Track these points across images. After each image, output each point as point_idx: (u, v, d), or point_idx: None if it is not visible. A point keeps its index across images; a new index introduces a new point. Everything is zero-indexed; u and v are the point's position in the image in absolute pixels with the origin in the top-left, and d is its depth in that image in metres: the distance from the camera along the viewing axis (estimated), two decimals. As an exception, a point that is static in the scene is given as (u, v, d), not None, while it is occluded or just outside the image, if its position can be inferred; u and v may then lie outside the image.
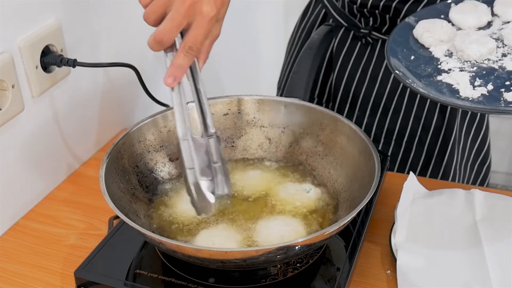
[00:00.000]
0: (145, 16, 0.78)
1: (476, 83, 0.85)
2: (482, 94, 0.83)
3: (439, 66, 0.89)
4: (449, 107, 1.14)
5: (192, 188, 0.79)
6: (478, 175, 1.27)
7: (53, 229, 0.97)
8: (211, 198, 0.79)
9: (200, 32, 0.77)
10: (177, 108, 0.79)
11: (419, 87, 0.85)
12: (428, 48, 0.93)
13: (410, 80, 0.86)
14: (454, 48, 0.91)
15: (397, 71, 0.87)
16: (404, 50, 0.93)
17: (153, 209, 0.89)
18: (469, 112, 1.19)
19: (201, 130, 0.82)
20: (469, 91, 0.84)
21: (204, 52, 0.81)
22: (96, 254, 0.84)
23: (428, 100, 1.15)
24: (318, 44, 1.10)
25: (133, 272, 0.83)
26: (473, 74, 0.87)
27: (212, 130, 0.81)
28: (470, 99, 0.83)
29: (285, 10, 2.15)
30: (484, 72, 0.87)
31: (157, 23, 0.77)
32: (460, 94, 0.84)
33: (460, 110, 1.16)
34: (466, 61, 0.89)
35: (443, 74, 0.88)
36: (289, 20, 2.15)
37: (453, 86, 0.85)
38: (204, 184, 0.79)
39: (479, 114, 1.20)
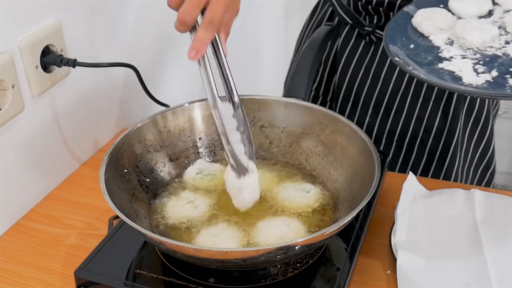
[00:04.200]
0: (168, 1, 0.81)
1: (480, 70, 0.83)
2: (486, 81, 0.81)
3: (440, 54, 0.87)
4: (452, 109, 1.14)
5: (228, 154, 0.85)
6: (482, 180, 1.26)
7: (53, 229, 0.97)
8: (244, 160, 0.85)
9: (218, 7, 0.80)
10: (205, 79, 0.84)
11: (421, 73, 0.82)
12: (428, 37, 0.91)
13: (411, 67, 0.84)
14: (455, 36, 0.89)
15: (397, 58, 0.85)
16: (403, 38, 0.91)
17: (153, 209, 0.89)
18: (473, 115, 1.18)
19: (228, 101, 0.86)
20: (473, 77, 0.81)
21: (225, 26, 0.84)
22: (96, 254, 0.84)
23: (431, 102, 1.14)
24: (319, 44, 1.10)
25: (133, 272, 0.83)
26: (476, 61, 0.85)
27: (236, 100, 0.86)
28: (474, 85, 0.80)
29: (285, 10, 2.15)
30: (488, 59, 0.85)
31: (179, 6, 0.80)
32: (463, 81, 0.81)
33: (464, 112, 1.16)
34: (468, 49, 0.87)
35: (444, 61, 0.85)
36: (289, 20, 2.14)
37: (455, 73, 0.83)
38: (236, 146, 0.85)
39: (483, 117, 1.20)
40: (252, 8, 1.91)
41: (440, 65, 0.85)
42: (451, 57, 0.86)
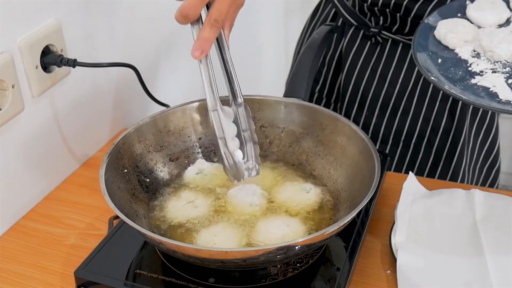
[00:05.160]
0: None
1: None
2: None
3: (469, 69, 0.87)
4: (458, 109, 1.14)
5: (224, 156, 0.84)
6: (487, 178, 1.26)
7: (53, 229, 0.97)
8: (241, 165, 0.84)
9: (225, 5, 0.78)
10: (206, 80, 0.82)
11: (458, 93, 0.82)
12: (453, 50, 0.91)
13: (447, 86, 0.83)
14: (482, 49, 0.89)
15: (432, 77, 0.85)
16: (430, 53, 0.91)
17: (153, 209, 0.89)
18: (479, 114, 1.18)
19: (230, 99, 0.85)
20: (508, 93, 0.81)
21: (229, 20, 0.82)
22: (96, 254, 0.84)
23: (438, 102, 1.14)
24: (319, 44, 1.10)
25: (133, 272, 0.83)
26: (508, 75, 0.85)
27: (240, 99, 0.85)
28: None
29: (285, 10, 2.15)
30: None
31: None
32: (500, 97, 0.81)
33: (470, 111, 1.16)
34: (496, 62, 0.87)
35: (476, 77, 0.85)
36: (289, 20, 2.15)
37: (490, 89, 0.83)
38: (234, 152, 0.84)
39: (488, 116, 1.19)
40: (252, 8, 1.91)
41: (473, 81, 0.85)
42: (482, 72, 0.86)
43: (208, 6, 0.80)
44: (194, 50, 0.79)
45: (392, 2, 1.09)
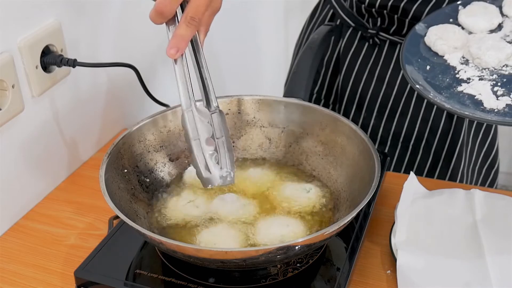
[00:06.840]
0: None
1: (499, 93, 0.82)
2: (507, 105, 0.80)
3: (457, 76, 0.87)
4: None
5: (197, 159, 0.81)
6: (486, 179, 1.26)
7: (53, 229, 0.97)
8: (216, 169, 0.81)
9: (201, 3, 0.76)
10: (180, 80, 0.79)
11: (442, 101, 0.82)
12: (443, 56, 0.91)
13: (432, 95, 0.83)
14: (470, 55, 0.89)
15: (417, 86, 0.85)
16: (419, 60, 0.90)
17: (153, 209, 0.89)
18: None
19: (204, 105, 0.83)
20: (493, 101, 0.81)
21: (204, 24, 0.80)
22: (96, 254, 0.84)
23: None
24: (318, 44, 1.10)
25: (133, 272, 0.83)
26: (494, 82, 0.84)
27: (214, 104, 0.82)
28: (496, 110, 0.80)
29: (285, 10, 2.15)
30: (505, 80, 0.84)
31: None
32: (485, 105, 0.81)
33: None
34: (484, 69, 0.87)
35: (463, 84, 0.85)
36: (289, 20, 2.14)
37: (475, 97, 0.82)
38: (209, 155, 0.81)
39: None
40: (253, 8, 1.91)
41: (460, 88, 0.85)
42: (469, 79, 0.86)
43: (182, 8, 0.78)
44: (169, 48, 0.77)
45: (390, 3, 1.09)
